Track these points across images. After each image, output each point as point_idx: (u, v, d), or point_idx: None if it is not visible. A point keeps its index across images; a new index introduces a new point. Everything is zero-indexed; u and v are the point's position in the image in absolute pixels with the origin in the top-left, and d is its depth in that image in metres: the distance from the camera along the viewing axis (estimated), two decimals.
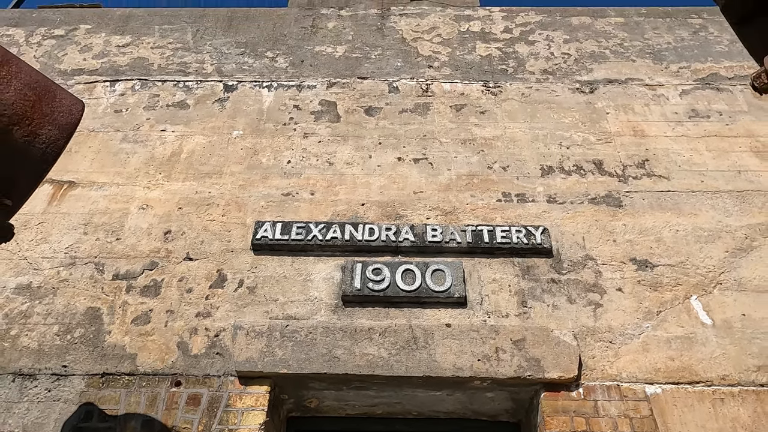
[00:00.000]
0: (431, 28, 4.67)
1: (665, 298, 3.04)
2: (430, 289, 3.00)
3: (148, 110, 4.06)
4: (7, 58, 1.95)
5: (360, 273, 3.07)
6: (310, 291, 3.08)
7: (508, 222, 3.35)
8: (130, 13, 4.88)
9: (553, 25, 4.66)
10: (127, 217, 3.43)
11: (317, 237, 3.23)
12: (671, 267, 3.16)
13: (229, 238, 3.31)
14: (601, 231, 3.32)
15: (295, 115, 4.00)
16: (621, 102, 4.05)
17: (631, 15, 4.74)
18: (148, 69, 4.37)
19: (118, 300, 3.06)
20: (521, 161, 3.68)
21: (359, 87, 4.19)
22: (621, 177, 3.59)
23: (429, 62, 4.37)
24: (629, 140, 3.80)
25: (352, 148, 3.78)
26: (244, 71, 4.33)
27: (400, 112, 4.01)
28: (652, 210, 3.42)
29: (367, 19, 4.77)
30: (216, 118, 4.00)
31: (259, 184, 3.58)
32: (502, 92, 4.13)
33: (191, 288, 3.10)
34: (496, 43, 4.51)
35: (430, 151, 3.76)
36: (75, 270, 3.20)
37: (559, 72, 4.27)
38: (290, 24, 4.74)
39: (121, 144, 3.84)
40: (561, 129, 3.87)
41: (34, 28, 4.75)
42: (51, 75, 4.32)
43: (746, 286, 3.08)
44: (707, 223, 3.35)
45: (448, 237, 3.23)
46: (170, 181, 3.62)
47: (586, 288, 3.08)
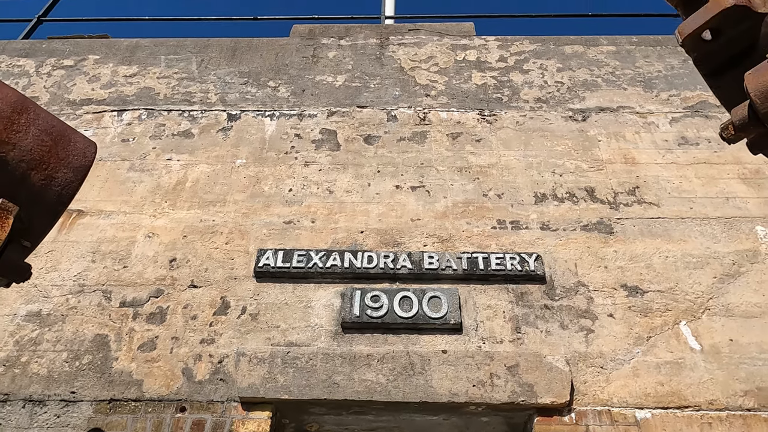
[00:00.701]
0: (428, 57, 4.81)
1: (655, 323, 3.13)
2: (427, 316, 3.10)
3: (154, 139, 4.20)
4: (25, 105, 2.08)
5: (359, 300, 3.17)
6: (311, 318, 3.18)
7: (503, 249, 3.46)
8: (137, 44, 5.04)
9: (546, 54, 4.80)
10: (133, 245, 3.54)
11: (318, 264, 3.34)
12: (661, 293, 3.26)
13: (232, 266, 3.42)
14: (592, 257, 3.43)
15: (296, 144, 4.13)
16: (612, 130, 4.17)
17: (623, 44, 4.88)
18: (154, 99, 4.52)
19: (125, 327, 3.17)
20: (515, 189, 3.80)
21: (359, 116, 4.32)
22: (612, 204, 3.70)
23: (426, 91, 4.50)
24: (620, 167, 3.92)
25: (352, 176, 3.90)
26: (247, 100, 4.47)
27: (398, 140, 4.14)
28: (642, 237, 3.52)
29: (366, 48, 4.92)
30: (220, 146, 4.13)
31: (261, 212, 3.70)
32: (497, 120, 4.26)
33: (196, 315, 3.21)
34: (492, 71, 4.65)
35: (427, 179, 3.87)
36: (83, 297, 3.30)
37: (552, 100, 4.40)
38: (292, 53, 4.89)
39: (128, 173, 3.97)
40: (554, 157, 3.99)
41: (44, 59, 4.91)
42: (60, 105, 4.47)
43: (734, 311, 3.17)
44: (696, 249, 3.45)
45: (444, 264, 3.33)
46: (175, 209, 3.73)
47: (578, 314, 3.17)
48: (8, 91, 2.06)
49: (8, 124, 1.97)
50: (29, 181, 1.98)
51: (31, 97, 4.56)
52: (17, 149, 1.96)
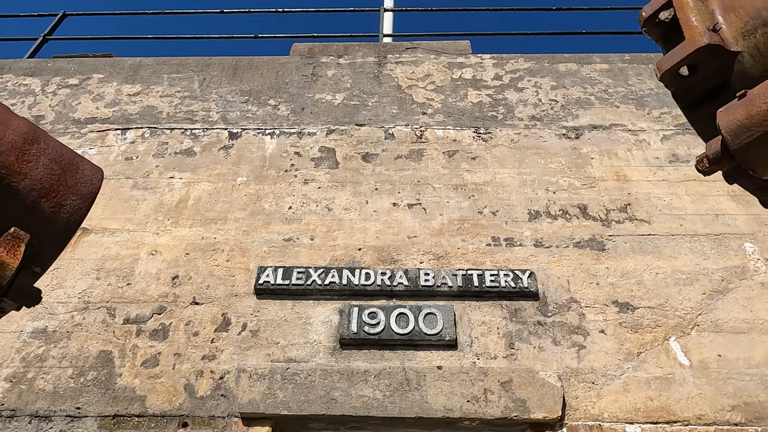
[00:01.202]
0: (425, 75, 4.92)
1: (645, 339, 3.21)
2: (423, 333, 3.18)
3: (157, 157, 4.30)
4: (36, 136, 2.17)
5: (356, 317, 3.25)
6: (310, 334, 3.26)
7: (497, 266, 3.54)
8: (140, 63, 5.15)
9: (541, 72, 4.91)
10: (137, 263, 3.63)
11: (316, 282, 3.42)
12: (651, 309, 3.34)
13: (233, 283, 3.51)
14: (585, 274, 3.51)
15: (296, 162, 4.23)
16: (605, 147, 4.26)
17: (616, 62, 4.98)
18: (157, 117, 4.62)
19: (128, 343, 3.25)
20: (510, 206, 3.89)
21: (357, 134, 4.42)
22: (604, 221, 3.79)
23: (423, 109, 4.60)
24: (612, 185, 4.01)
25: (350, 193, 4.00)
26: (248, 119, 4.58)
27: (396, 158, 4.23)
28: (633, 253, 3.61)
29: (364, 67, 5.03)
30: (221, 165, 4.23)
31: (261, 229, 3.79)
32: (492, 138, 4.35)
33: (197, 332, 3.29)
34: (487, 90, 4.75)
35: (423, 196, 3.97)
36: (88, 314, 3.39)
37: (546, 118, 4.50)
38: (292, 72, 5.00)
39: (131, 191, 4.07)
40: (548, 174, 4.09)
41: (49, 78, 5.02)
42: (65, 124, 4.58)
43: (722, 327, 3.25)
44: (686, 266, 3.53)
45: (440, 281, 3.42)
46: (178, 227, 3.83)
47: (571, 330, 3.25)
48: (20, 122, 2.15)
49: (20, 155, 2.06)
50: (40, 209, 2.07)
51: (36, 116, 4.67)
52: (28, 179, 2.05)
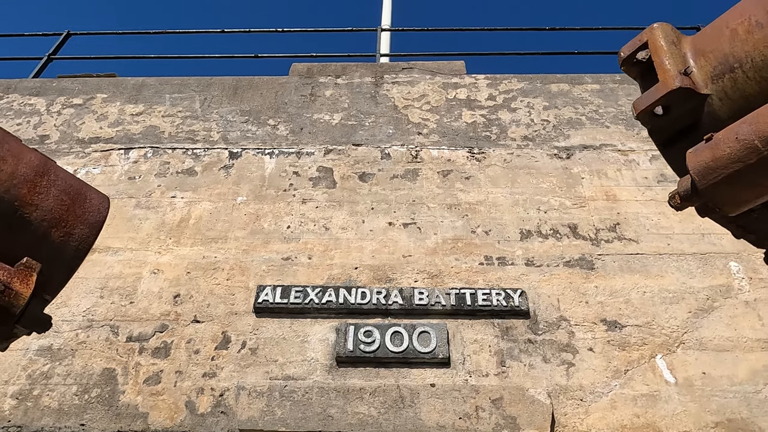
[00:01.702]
0: (421, 95, 5.05)
1: (632, 357, 3.32)
2: (417, 351, 3.29)
3: (159, 177, 4.41)
4: (46, 168, 2.29)
5: (353, 335, 3.35)
6: (307, 352, 3.36)
7: (490, 285, 3.65)
8: (143, 83, 5.28)
9: (533, 92, 5.04)
10: (139, 282, 3.74)
11: (314, 300, 3.53)
12: (638, 327, 3.45)
13: (233, 301, 3.61)
14: (574, 293, 3.62)
15: (294, 182, 4.34)
16: (595, 167, 4.38)
17: (607, 82, 5.11)
18: (159, 137, 4.74)
19: (131, 361, 3.35)
20: (502, 225, 4.00)
21: (354, 154, 4.54)
22: (594, 240, 3.90)
23: (418, 129, 4.73)
24: (602, 204, 4.12)
25: (347, 213, 4.11)
26: (248, 138, 4.70)
27: (392, 177, 4.35)
28: (622, 272, 3.72)
29: (362, 87, 5.15)
30: (222, 184, 4.34)
31: (261, 248, 3.90)
32: (486, 158, 4.47)
33: (198, 349, 3.39)
34: (481, 110, 4.88)
35: (418, 216, 4.08)
36: (92, 332, 3.49)
37: (538, 138, 4.62)
38: (291, 92, 5.13)
39: (134, 210, 4.18)
40: (539, 194, 4.20)
41: (54, 97, 5.15)
42: (70, 143, 4.70)
43: (707, 345, 3.36)
44: (672, 284, 3.64)
45: (433, 300, 3.52)
46: (179, 246, 3.93)
47: (560, 348, 3.36)
48: (31, 155, 2.26)
49: (32, 187, 2.17)
50: (50, 239, 2.18)
51: (41, 135, 4.79)
52: (39, 210, 2.16)
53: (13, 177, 2.16)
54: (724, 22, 1.91)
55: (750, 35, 1.78)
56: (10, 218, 2.13)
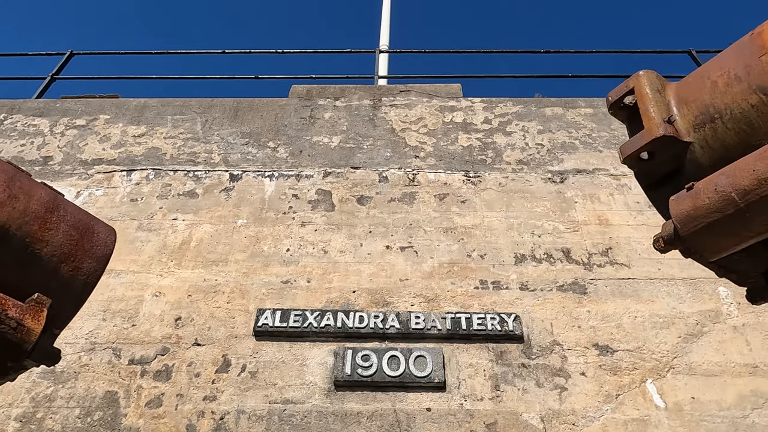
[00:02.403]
0: (418, 118, 5.15)
1: (624, 381, 3.40)
2: (413, 375, 3.36)
3: (161, 199, 4.49)
4: (56, 203, 2.37)
5: (350, 359, 3.43)
6: (306, 375, 3.43)
7: (485, 309, 3.73)
8: (145, 104, 5.37)
9: (528, 116, 5.15)
10: (141, 304, 3.81)
11: (312, 324, 3.60)
12: (629, 352, 3.53)
13: (233, 325, 3.68)
14: (567, 317, 3.70)
15: (293, 204, 4.43)
16: (588, 191, 4.48)
17: (600, 106, 5.23)
18: (161, 159, 4.83)
19: (133, 384, 3.42)
20: (497, 249, 4.09)
21: (352, 176, 4.64)
22: (586, 265, 3.99)
23: (415, 152, 4.82)
24: (595, 229, 4.22)
25: (345, 236, 4.19)
26: (248, 161, 4.79)
27: (389, 201, 4.44)
28: (613, 297, 3.80)
29: (360, 109, 5.25)
30: (222, 207, 4.42)
31: (260, 271, 3.97)
32: (482, 182, 4.57)
33: (199, 372, 3.46)
34: (477, 133, 4.98)
35: (415, 239, 4.17)
36: (95, 355, 3.56)
37: (533, 162, 4.72)
38: (290, 114, 5.23)
39: (136, 232, 4.25)
40: (534, 218, 4.30)
41: (57, 118, 5.23)
42: (73, 165, 4.78)
43: (696, 370, 3.44)
44: (663, 309, 3.73)
45: (429, 324, 3.60)
46: (181, 268, 4.01)
47: (553, 372, 3.44)
48: (41, 190, 2.34)
49: (42, 224, 2.25)
50: (59, 273, 2.26)
51: (45, 156, 4.87)
52: (50, 245, 2.24)
53: (24, 214, 2.23)
54: (706, 73, 2.01)
55: (729, 88, 1.87)
56: (21, 254, 2.20)
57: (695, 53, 6.03)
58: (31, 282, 2.19)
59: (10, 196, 2.18)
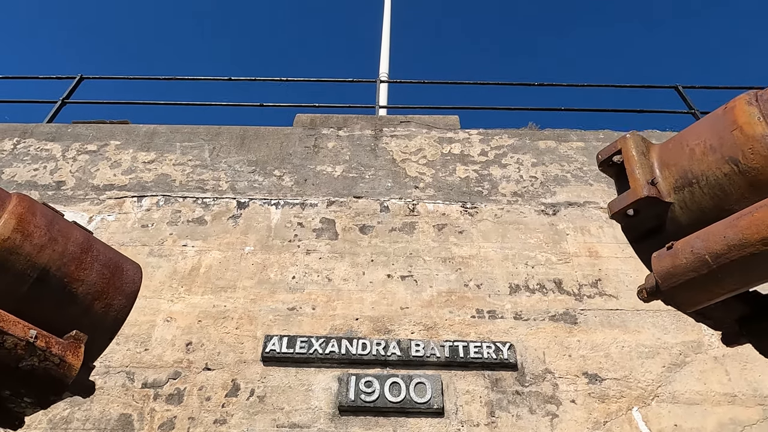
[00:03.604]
0: (418, 149, 5.38)
1: (611, 409, 3.61)
2: (413, 401, 3.56)
3: (171, 225, 4.68)
4: (89, 244, 2.55)
5: (354, 385, 3.62)
6: (311, 400, 3.62)
7: (481, 337, 3.94)
8: (155, 130, 5.56)
9: (523, 149, 5.39)
10: (153, 329, 3.98)
11: (318, 351, 3.79)
12: (617, 380, 3.74)
13: (242, 350, 3.86)
14: (558, 346, 3.92)
15: (299, 233, 4.63)
16: (579, 224, 4.72)
17: (591, 140, 5.49)
18: (171, 185, 5.02)
19: (146, 407, 3.58)
20: (493, 279, 4.31)
21: (355, 206, 4.85)
22: (577, 295, 4.21)
23: (415, 183, 5.05)
24: (585, 260, 4.45)
25: (348, 264, 4.39)
26: (255, 189, 4.99)
27: (390, 230, 4.65)
28: (602, 327, 4.03)
29: (362, 139, 5.48)
30: (230, 234, 4.62)
31: (267, 298, 4.16)
32: (478, 213, 4.80)
33: (209, 396, 3.63)
34: (474, 165, 5.22)
35: (415, 268, 4.37)
36: (109, 378, 3.72)
37: (527, 194, 4.96)
38: (295, 143, 5.44)
39: (147, 258, 4.43)
40: (527, 249, 4.52)
41: (69, 143, 5.41)
42: (85, 190, 4.96)
43: (679, 398, 3.66)
44: (648, 339, 3.96)
45: (429, 352, 3.80)
46: (191, 294, 4.19)
47: (545, 399, 3.64)
48: (77, 232, 2.53)
49: (78, 264, 2.44)
50: (93, 310, 2.44)
51: (58, 181, 5.04)
52: (85, 284, 2.43)
53: (63, 256, 2.41)
54: (685, 140, 2.25)
55: (705, 156, 2.11)
56: (60, 293, 2.39)
57: (681, 89, 6.32)
58: (67, 319, 2.38)
59: (50, 239, 2.37)
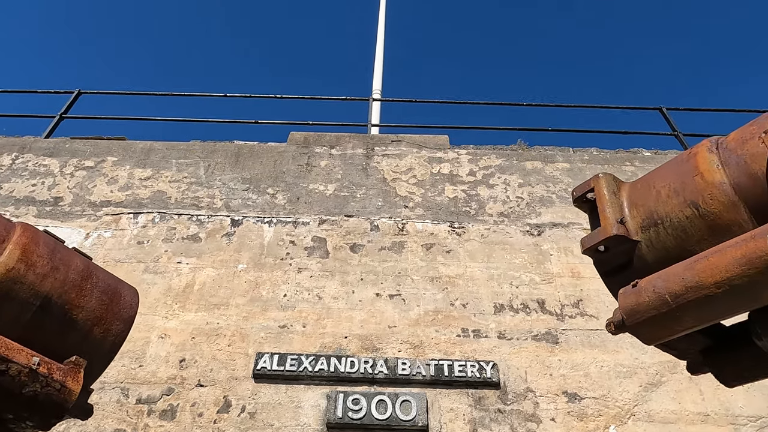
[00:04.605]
0: (408, 169, 5.53)
1: (589, 427, 3.75)
2: (399, 419, 3.69)
3: (166, 242, 4.80)
4: (89, 271, 2.68)
5: (342, 402, 3.75)
6: (301, 417, 3.74)
7: (465, 356, 4.08)
8: (151, 147, 5.68)
9: (510, 169, 5.55)
10: (148, 345, 4.10)
11: (307, 368, 3.92)
12: (595, 399, 3.89)
13: (234, 367, 3.98)
14: (540, 365, 4.06)
15: (290, 251, 4.76)
16: (563, 245, 4.87)
17: (576, 161, 5.65)
18: (166, 202, 5.14)
19: (140, 423, 3.70)
20: (478, 299, 4.45)
21: (346, 224, 4.98)
22: (559, 315, 4.36)
23: (405, 202, 5.19)
24: (568, 281, 4.60)
25: (339, 283, 4.53)
26: (248, 207, 5.12)
27: (380, 249, 4.79)
28: (582, 347, 4.17)
29: (354, 158, 5.62)
30: (224, 251, 4.74)
31: (259, 316, 4.29)
32: (465, 233, 4.94)
33: (202, 413, 3.75)
34: (462, 185, 5.37)
35: (403, 287, 4.51)
36: (104, 394, 3.83)
37: (513, 215, 5.11)
38: (288, 161, 5.58)
39: (143, 275, 4.55)
40: (512, 269, 4.67)
41: (67, 159, 5.53)
42: (83, 206, 5.07)
43: (654, 417, 3.81)
44: (626, 359, 4.11)
45: (415, 370, 3.94)
46: (185, 311, 4.31)
47: (526, 417, 3.78)
48: (77, 260, 2.65)
49: (79, 291, 2.56)
50: (92, 336, 2.56)
51: (56, 197, 5.15)
52: (85, 311, 2.55)
53: (64, 284, 2.54)
54: (653, 182, 2.40)
55: (669, 199, 2.26)
56: (61, 320, 2.52)
57: (665, 110, 6.51)
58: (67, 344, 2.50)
59: (52, 267, 2.50)
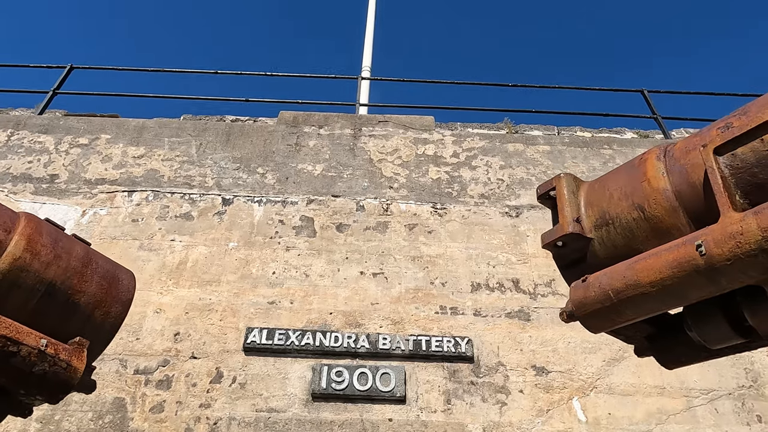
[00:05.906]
0: (394, 149, 5.71)
1: (554, 398, 4.07)
2: (379, 390, 3.98)
3: (159, 220, 5.00)
4: (89, 257, 2.89)
5: (326, 374, 4.03)
6: (288, 387, 4.03)
7: (442, 332, 4.36)
8: (144, 125, 5.82)
9: (492, 151, 5.74)
10: (144, 320, 4.35)
11: (294, 342, 4.19)
12: (561, 373, 4.20)
13: (225, 341, 4.25)
14: (512, 341, 4.35)
15: (279, 230, 4.98)
16: (539, 226, 5.11)
17: (556, 144, 5.84)
18: (159, 180, 5.31)
19: (138, 392, 3.98)
20: (457, 278, 4.71)
21: (333, 204, 5.19)
22: (532, 294, 4.63)
23: (390, 183, 5.39)
24: (542, 261, 4.86)
25: (325, 261, 4.77)
26: (239, 186, 5.30)
27: (365, 229, 5.02)
28: (552, 324, 4.46)
29: (342, 138, 5.79)
30: (215, 230, 4.95)
31: (249, 292, 4.54)
32: (447, 213, 5.17)
33: (195, 383, 4.03)
34: (446, 167, 5.56)
35: (386, 266, 4.76)
36: (104, 365, 4.10)
37: (493, 196, 5.33)
38: (278, 141, 5.74)
39: (138, 252, 4.77)
40: (490, 249, 4.92)
41: (61, 136, 5.66)
42: (78, 184, 5.24)
43: (614, 390, 4.13)
44: (592, 336, 4.40)
45: (395, 345, 4.22)
46: (179, 287, 4.55)
47: (497, 389, 4.09)
48: (78, 247, 2.86)
49: (80, 277, 2.78)
50: (93, 318, 2.79)
51: (52, 174, 5.32)
52: (86, 295, 2.78)
53: (67, 271, 2.76)
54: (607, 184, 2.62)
55: (620, 201, 2.48)
56: (65, 305, 2.75)
57: (647, 93, 6.67)
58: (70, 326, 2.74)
59: (55, 256, 2.72)
